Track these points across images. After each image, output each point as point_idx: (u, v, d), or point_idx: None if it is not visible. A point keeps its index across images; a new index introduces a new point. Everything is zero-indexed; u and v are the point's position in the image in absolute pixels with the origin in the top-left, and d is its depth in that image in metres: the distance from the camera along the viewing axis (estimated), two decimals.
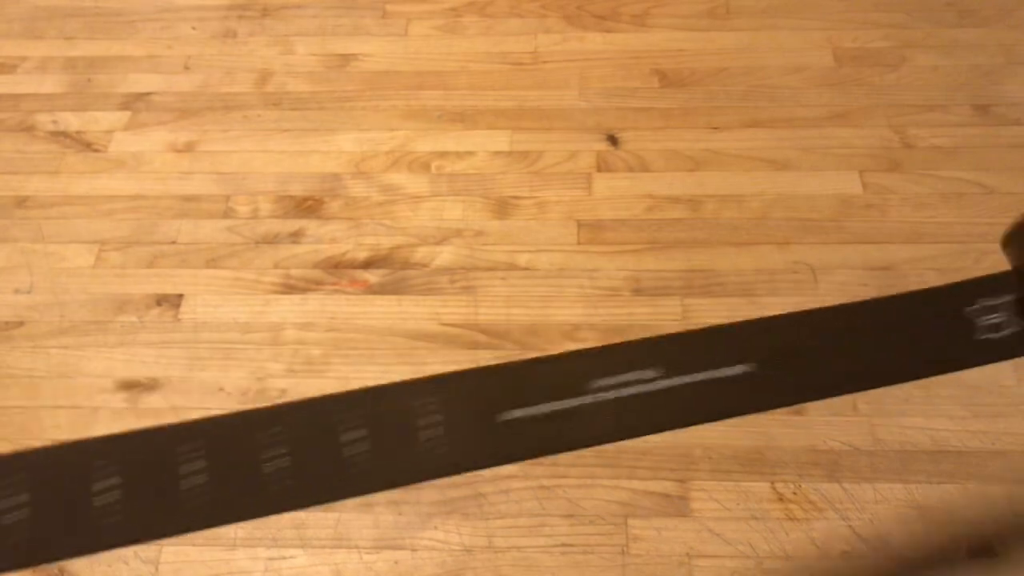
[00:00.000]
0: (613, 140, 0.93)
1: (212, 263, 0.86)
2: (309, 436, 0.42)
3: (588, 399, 0.44)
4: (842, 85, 0.98)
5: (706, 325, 0.45)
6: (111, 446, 0.41)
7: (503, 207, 0.88)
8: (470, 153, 0.93)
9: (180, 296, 0.83)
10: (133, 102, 1.02)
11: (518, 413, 0.44)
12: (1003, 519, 0.65)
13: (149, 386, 0.76)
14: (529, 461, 0.70)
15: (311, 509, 0.65)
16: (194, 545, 0.65)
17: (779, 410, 0.42)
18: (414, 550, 0.67)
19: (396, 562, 0.66)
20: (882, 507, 0.66)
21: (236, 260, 0.86)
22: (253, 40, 1.08)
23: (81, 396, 0.76)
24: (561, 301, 0.80)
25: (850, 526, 0.66)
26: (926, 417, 0.70)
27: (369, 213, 0.89)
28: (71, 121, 1.00)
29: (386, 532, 0.68)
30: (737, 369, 0.45)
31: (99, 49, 1.08)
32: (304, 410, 0.43)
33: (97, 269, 0.85)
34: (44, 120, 1.00)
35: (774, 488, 0.68)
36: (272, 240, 0.87)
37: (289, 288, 0.83)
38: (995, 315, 0.40)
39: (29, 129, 1.00)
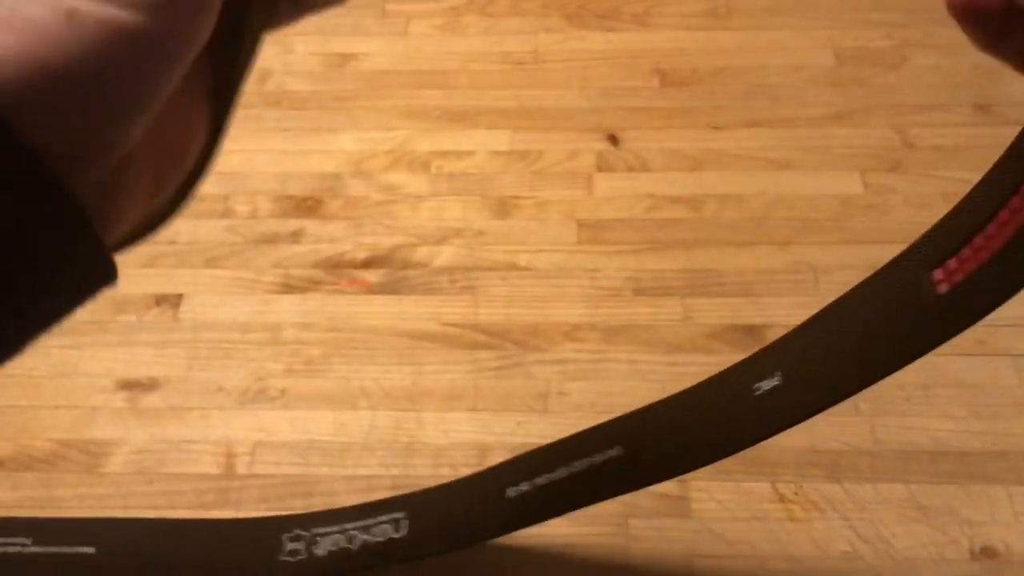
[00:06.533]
0: (613, 140, 0.93)
1: (211, 263, 0.86)
2: None
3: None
4: (843, 85, 0.98)
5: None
6: None
7: (503, 207, 0.88)
8: (470, 153, 0.93)
9: (179, 296, 0.82)
10: None
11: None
12: (1004, 519, 0.65)
13: (149, 386, 0.76)
14: None
15: None
16: None
17: None
18: None
19: None
20: (883, 507, 0.66)
21: (235, 260, 0.86)
22: None
23: (81, 396, 0.76)
24: (561, 301, 0.80)
25: (851, 526, 0.66)
26: (927, 417, 0.70)
27: (369, 213, 0.89)
28: None
29: None
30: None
31: None
32: None
33: None
34: None
35: (775, 488, 0.68)
36: (272, 240, 0.87)
37: (289, 288, 0.83)
38: None
39: None
